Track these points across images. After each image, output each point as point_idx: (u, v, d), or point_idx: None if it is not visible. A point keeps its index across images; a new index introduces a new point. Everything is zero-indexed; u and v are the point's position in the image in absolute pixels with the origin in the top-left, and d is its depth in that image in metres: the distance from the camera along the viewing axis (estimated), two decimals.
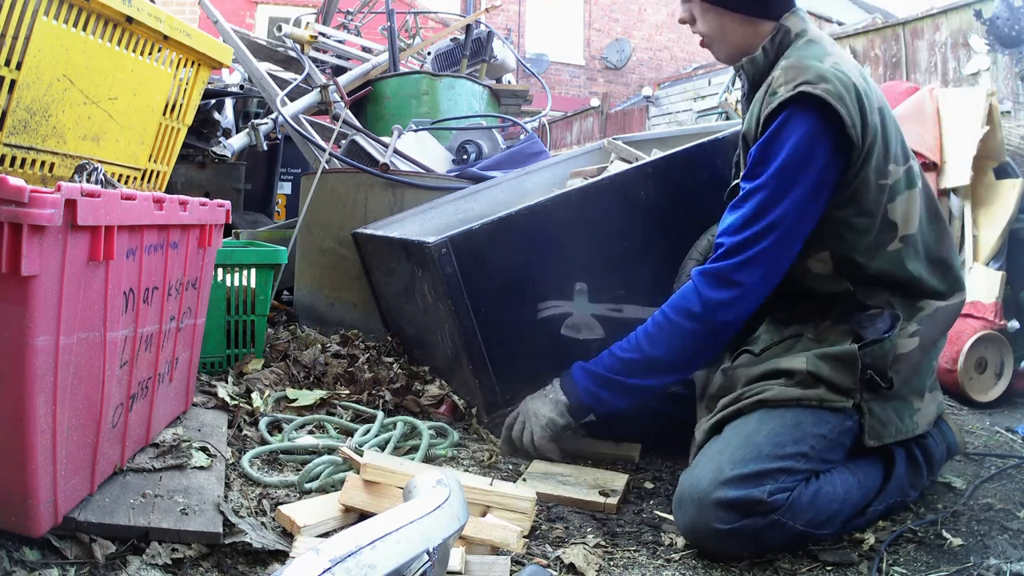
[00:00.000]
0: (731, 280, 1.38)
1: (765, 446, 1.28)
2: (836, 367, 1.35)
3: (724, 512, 1.22)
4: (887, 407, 1.38)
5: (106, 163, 1.69)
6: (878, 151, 1.37)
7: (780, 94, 1.34)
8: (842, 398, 1.35)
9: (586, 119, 12.22)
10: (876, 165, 1.37)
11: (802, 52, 1.40)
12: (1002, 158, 2.63)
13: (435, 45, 4.48)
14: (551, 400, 1.59)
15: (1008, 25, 5.40)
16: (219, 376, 1.96)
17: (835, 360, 1.36)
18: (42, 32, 1.44)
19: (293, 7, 10.89)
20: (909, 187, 1.43)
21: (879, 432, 1.36)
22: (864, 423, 1.36)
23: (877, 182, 1.38)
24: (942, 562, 1.26)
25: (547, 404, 1.59)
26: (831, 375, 1.35)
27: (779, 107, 1.33)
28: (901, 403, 1.40)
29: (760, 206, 1.36)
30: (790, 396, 1.35)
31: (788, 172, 1.33)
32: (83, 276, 1.01)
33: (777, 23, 1.45)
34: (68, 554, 1.05)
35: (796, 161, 1.33)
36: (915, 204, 1.43)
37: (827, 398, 1.34)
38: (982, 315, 2.34)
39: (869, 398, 1.36)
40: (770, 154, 1.35)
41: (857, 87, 1.35)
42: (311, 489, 1.40)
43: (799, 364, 1.37)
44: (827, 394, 1.34)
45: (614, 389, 1.51)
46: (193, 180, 3.71)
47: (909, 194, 1.42)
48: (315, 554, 0.77)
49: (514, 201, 2.28)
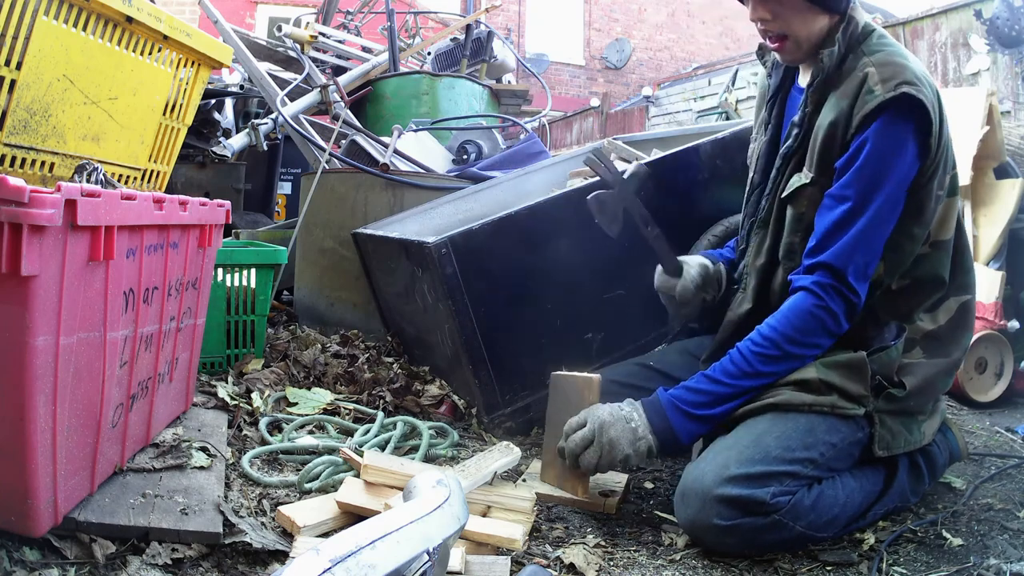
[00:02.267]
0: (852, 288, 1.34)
1: (774, 448, 1.28)
2: (846, 374, 1.35)
3: (725, 508, 1.23)
4: (897, 420, 1.38)
5: (106, 163, 1.69)
6: (943, 161, 1.37)
7: (878, 93, 1.29)
8: (855, 405, 1.34)
9: (586, 119, 12.21)
10: (939, 176, 1.37)
11: (889, 49, 1.36)
12: (1002, 158, 2.63)
13: (435, 45, 4.48)
14: (636, 439, 1.36)
15: (1008, 25, 5.40)
16: (219, 376, 1.96)
17: (845, 368, 1.35)
18: (42, 32, 1.44)
19: (293, 7, 10.89)
20: (951, 195, 1.42)
21: (888, 443, 1.36)
22: (875, 432, 1.35)
23: (936, 193, 1.37)
24: (942, 562, 1.26)
25: (626, 439, 1.35)
26: (843, 383, 1.34)
27: (879, 107, 1.29)
28: (910, 416, 1.41)
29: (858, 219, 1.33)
30: (803, 401, 1.33)
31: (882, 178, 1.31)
32: (83, 276, 1.01)
33: (845, 15, 1.40)
34: (68, 554, 1.05)
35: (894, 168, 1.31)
36: (953, 211, 1.42)
37: (840, 405, 1.33)
38: (982, 315, 2.34)
39: (883, 408, 1.36)
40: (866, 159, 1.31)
41: (939, 94, 1.35)
42: (311, 489, 1.40)
43: (811, 374, 1.35)
44: (840, 401, 1.33)
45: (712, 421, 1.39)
46: (193, 180, 3.71)
47: (950, 201, 1.41)
48: (315, 554, 0.77)
49: (514, 201, 2.28)
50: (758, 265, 1.51)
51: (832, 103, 1.37)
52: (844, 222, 1.33)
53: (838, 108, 1.35)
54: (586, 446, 1.37)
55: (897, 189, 1.32)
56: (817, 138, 1.39)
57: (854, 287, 1.33)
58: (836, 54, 1.37)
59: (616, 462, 1.36)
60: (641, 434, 1.36)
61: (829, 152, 1.37)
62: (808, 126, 1.43)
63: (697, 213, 2.01)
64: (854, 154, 1.33)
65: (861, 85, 1.33)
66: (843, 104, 1.35)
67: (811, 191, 1.40)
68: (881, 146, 1.30)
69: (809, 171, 1.40)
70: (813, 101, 1.42)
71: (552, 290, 1.83)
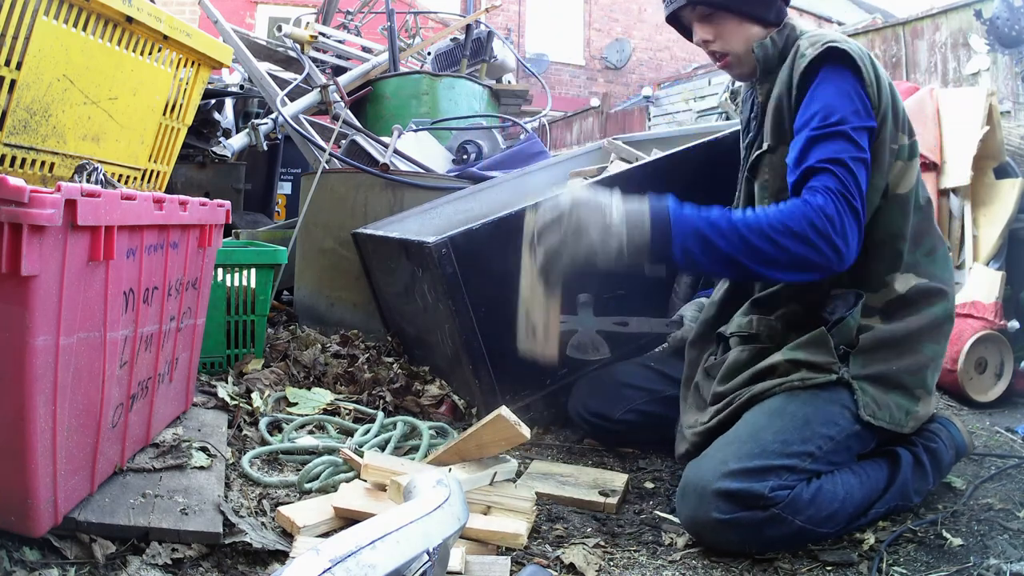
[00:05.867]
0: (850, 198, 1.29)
1: (771, 442, 1.29)
2: (810, 350, 1.39)
3: (724, 502, 1.23)
4: (879, 389, 1.39)
5: (106, 163, 1.69)
6: (891, 116, 1.40)
7: (808, 54, 1.38)
8: (824, 374, 1.37)
9: (586, 119, 12.21)
10: (889, 130, 1.40)
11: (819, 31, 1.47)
12: (1002, 158, 2.63)
13: (435, 45, 4.48)
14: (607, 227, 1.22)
15: (1008, 25, 5.39)
16: (219, 376, 1.96)
17: (807, 344, 1.40)
18: (42, 32, 1.44)
19: (293, 7, 10.89)
20: (910, 158, 1.45)
21: (874, 411, 1.37)
22: (857, 398, 1.37)
23: (890, 146, 1.41)
24: (942, 562, 1.25)
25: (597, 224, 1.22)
26: (807, 357, 1.38)
27: (811, 64, 1.37)
28: (892, 390, 1.41)
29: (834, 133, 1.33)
30: (774, 384, 1.39)
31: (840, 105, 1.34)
32: (83, 276, 1.01)
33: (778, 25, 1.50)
34: (68, 554, 1.05)
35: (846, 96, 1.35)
36: (912, 173, 1.44)
37: (808, 376, 1.37)
38: (982, 315, 2.34)
39: (858, 374, 1.38)
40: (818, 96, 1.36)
41: (869, 53, 1.41)
42: (311, 489, 1.40)
43: (776, 359, 1.41)
44: (808, 373, 1.38)
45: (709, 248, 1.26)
46: (193, 180, 3.71)
47: (909, 163, 1.44)
48: (315, 554, 0.77)
49: (514, 201, 2.28)
50: None
51: (774, 83, 1.47)
52: (816, 139, 1.33)
53: (780, 83, 1.44)
54: (553, 226, 1.24)
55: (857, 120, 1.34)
56: (767, 114, 1.48)
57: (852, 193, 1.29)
58: (770, 45, 1.46)
59: (580, 255, 1.23)
60: (616, 226, 1.23)
61: (780, 120, 1.45)
62: (760, 113, 1.52)
63: None
64: (807, 101, 1.37)
65: (794, 58, 1.42)
66: (783, 77, 1.45)
67: (770, 158, 1.47)
68: (827, 89, 1.36)
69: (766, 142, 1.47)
70: (762, 93, 1.51)
71: None
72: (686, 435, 1.51)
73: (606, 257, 1.23)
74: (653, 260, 1.27)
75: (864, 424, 1.36)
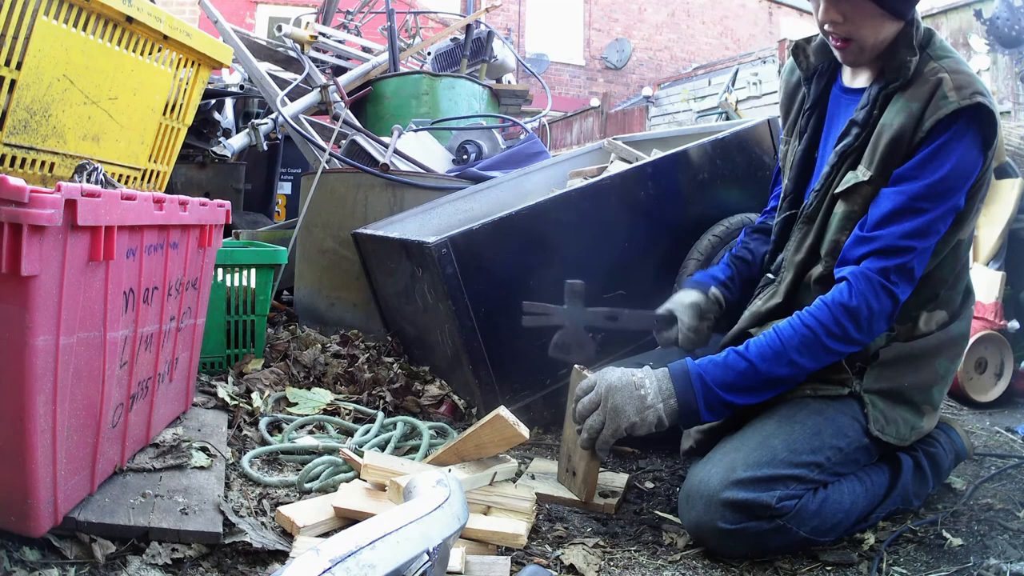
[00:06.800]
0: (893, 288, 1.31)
1: (781, 450, 1.28)
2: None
3: (730, 512, 1.23)
4: (888, 404, 1.39)
5: (106, 163, 1.69)
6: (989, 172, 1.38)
7: (952, 100, 1.29)
8: (837, 387, 1.36)
9: (586, 119, 12.22)
10: (984, 188, 1.38)
11: (955, 56, 1.37)
12: (1002, 158, 2.63)
13: (435, 45, 4.48)
14: (644, 407, 1.31)
15: (1008, 25, 5.39)
16: (219, 376, 1.96)
17: None
18: (42, 32, 1.44)
19: (293, 7, 10.89)
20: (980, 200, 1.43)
21: (883, 426, 1.37)
22: (867, 413, 1.36)
23: (978, 205, 1.39)
24: (942, 562, 1.26)
25: (633, 406, 1.31)
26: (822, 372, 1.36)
27: (955, 114, 1.29)
28: (901, 406, 1.40)
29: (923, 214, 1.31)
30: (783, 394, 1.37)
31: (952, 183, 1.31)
32: (83, 276, 1.01)
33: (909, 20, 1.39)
34: (68, 554, 1.05)
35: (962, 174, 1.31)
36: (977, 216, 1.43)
37: (821, 387, 1.36)
38: (982, 315, 2.34)
39: (871, 388, 1.37)
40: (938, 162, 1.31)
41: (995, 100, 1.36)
42: (311, 489, 1.40)
43: None
44: (821, 385, 1.36)
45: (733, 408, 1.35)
46: (193, 180, 3.72)
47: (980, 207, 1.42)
48: (315, 554, 0.77)
49: (514, 201, 2.28)
50: (797, 260, 1.48)
51: (900, 105, 1.35)
52: (905, 212, 1.31)
53: (907, 110, 1.34)
54: (593, 409, 1.33)
55: (960, 197, 1.32)
56: (881, 137, 1.36)
57: (899, 284, 1.31)
58: (915, 62, 1.36)
59: (621, 430, 1.30)
60: (651, 402, 1.31)
61: (894, 152, 1.35)
62: (872, 125, 1.40)
63: (697, 213, 2.01)
64: (928, 156, 1.31)
65: (934, 90, 1.32)
66: (913, 107, 1.33)
67: (867, 189, 1.38)
68: (955, 151, 1.30)
69: (868, 169, 1.38)
70: (880, 102, 1.40)
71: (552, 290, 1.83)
72: (691, 432, 1.50)
73: (647, 429, 1.32)
74: (687, 425, 1.39)
75: (872, 438, 1.36)
